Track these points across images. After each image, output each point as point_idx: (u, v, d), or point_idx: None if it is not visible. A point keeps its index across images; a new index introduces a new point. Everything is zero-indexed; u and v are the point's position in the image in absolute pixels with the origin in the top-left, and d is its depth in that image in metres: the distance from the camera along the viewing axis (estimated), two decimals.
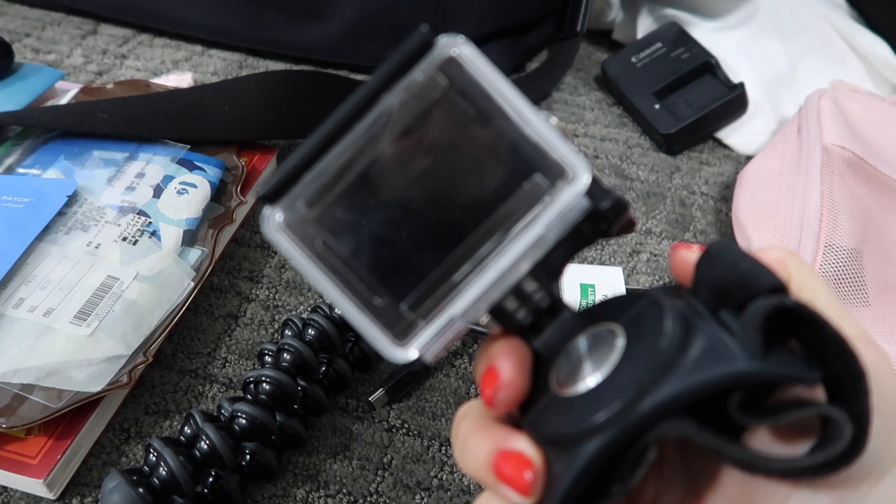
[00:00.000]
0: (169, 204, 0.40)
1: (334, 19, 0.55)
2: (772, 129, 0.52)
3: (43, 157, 0.42)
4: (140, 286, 0.35)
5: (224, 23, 0.56)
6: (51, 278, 0.35)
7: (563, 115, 0.55)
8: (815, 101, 0.46)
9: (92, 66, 0.56)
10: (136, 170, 0.42)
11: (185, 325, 0.39)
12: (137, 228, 0.38)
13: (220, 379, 0.37)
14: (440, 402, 0.36)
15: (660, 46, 0.55)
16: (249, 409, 0.31)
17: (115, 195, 0.40)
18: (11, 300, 0.34)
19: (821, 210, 0.40)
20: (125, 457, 0.33)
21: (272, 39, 0.56)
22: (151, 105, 0.44)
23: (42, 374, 0.32)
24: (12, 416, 0.30)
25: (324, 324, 0.35)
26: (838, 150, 0.42)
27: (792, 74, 0.54)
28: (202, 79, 0.55)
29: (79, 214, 0.39)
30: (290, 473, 0.33)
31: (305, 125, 0.47)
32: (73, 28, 0.60)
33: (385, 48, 0.56)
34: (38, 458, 0.31)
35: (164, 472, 0.29)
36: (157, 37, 0.59)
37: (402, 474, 0.33)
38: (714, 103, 0.51)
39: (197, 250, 0.39)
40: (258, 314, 0.40)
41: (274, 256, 0.43)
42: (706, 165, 0.52)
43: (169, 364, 0.37)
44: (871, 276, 0.39)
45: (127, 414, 0.35)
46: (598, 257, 0.44)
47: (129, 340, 0.34)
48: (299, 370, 0.33)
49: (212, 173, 0.42)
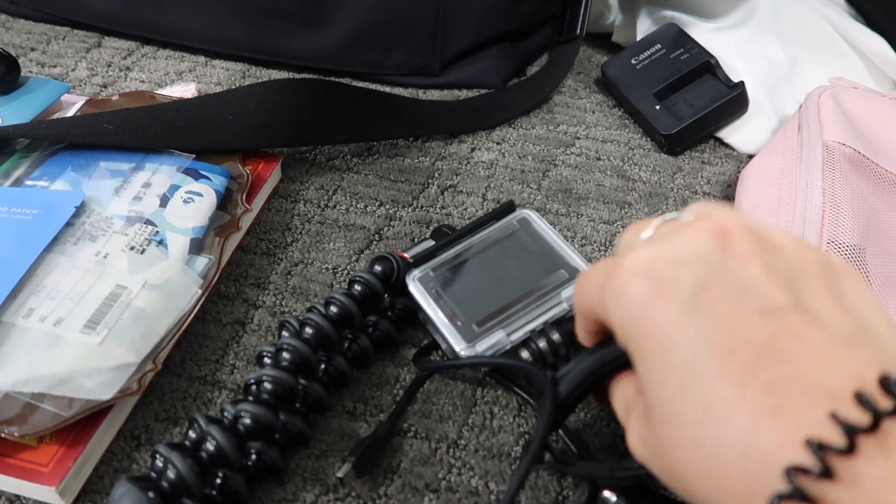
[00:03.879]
0: (175, 213, 0.40)
1: (336, 28, 0.55)
2: (773, 128, 0.52)
3: (50, 168, 0.43)
4: (148, 295, 0.36)
5: (227, 34, 0.57)
6: (60, 288, 0.36)
7: (565, 117, 0.55)
8: (816, 98, 0.46)
9: (97, 78, 0.57)
10: (142, 180, 0.42)
11: (193, 332, 0.39)
12: (145, 238, 0.39)
13: (228, 385, 0.37)
14: (447, 405, 0.36)
15: (659, 48, 0.55)
16: (252, 408, 0.31)
17: (122, 205, 0.41)
18: (21, 310, 0.35)
19: (823, 207, 0.40)
20: (136, 464, 0.34)
21: (274, 49, 0.57)
22: (156, 116, 0.44)
23: (53, 382, 0.32)
24: (24, 424, 0.31)
25: (321, 322, 0.35)
26: (839, 146, 0.42)
27: (792, 73, 0.55)
28: (206, 89, 0.56)
29: (87, 225, 0.39)
30: (298, 477, 0.33)
31: (309, 133, 0.48)
32: (77, 42, 0.61)
33: (386, 55, 0.56)
34: (50, 466, 0.31)
35: (172, 476, 0.29)
36: (160, 49, 0.60)
37: (411, 477, 0.33)
38: (714, 103, 0.51)
39: (204, 258, 0.39)
40: (265, 320, 0.40)
41: (280, 263, 0.43)
42: (708, 165, 0.52)
43: (178, 371, 0.37)
44: (875, 272, 0.39)
45: (137, 421, 0.35)
46: (602, 257, 0.44)
47: (138, 348, 0.34)
48: (299, 368, 0.34)
49: (217, 182, 0.43)
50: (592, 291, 0.25)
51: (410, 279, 0.37)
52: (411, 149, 0.52)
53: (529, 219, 0.39)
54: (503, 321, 0.35)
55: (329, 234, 0.45)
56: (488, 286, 0.37)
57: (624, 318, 0.22)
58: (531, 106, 0.55)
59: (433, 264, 0.38)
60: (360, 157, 0.51)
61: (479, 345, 0.34)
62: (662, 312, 0.21)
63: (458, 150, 0.52)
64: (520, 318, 0.35)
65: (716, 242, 0.22)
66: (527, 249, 0.38)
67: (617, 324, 0.23)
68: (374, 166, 0.50)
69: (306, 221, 0.46)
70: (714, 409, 0.19)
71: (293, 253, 0.44)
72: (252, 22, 0.56)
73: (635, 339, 0.22)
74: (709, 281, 0.21)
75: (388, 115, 0.50)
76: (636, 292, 0.22)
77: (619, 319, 0.23)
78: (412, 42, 0.55)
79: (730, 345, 0.20)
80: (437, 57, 0.56)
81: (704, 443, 0.19)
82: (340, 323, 0.36)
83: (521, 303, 0.36)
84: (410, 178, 0.49)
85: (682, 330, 0.20)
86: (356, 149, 0.51)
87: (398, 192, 0.48)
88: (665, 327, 0.21)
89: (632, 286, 0.22)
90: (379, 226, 0.46)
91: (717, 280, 0.21)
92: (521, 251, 0.38)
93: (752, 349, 0.19)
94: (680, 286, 0.21)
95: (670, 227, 0.24)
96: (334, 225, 0.46)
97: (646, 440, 0.23)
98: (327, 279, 0.42)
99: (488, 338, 0.35)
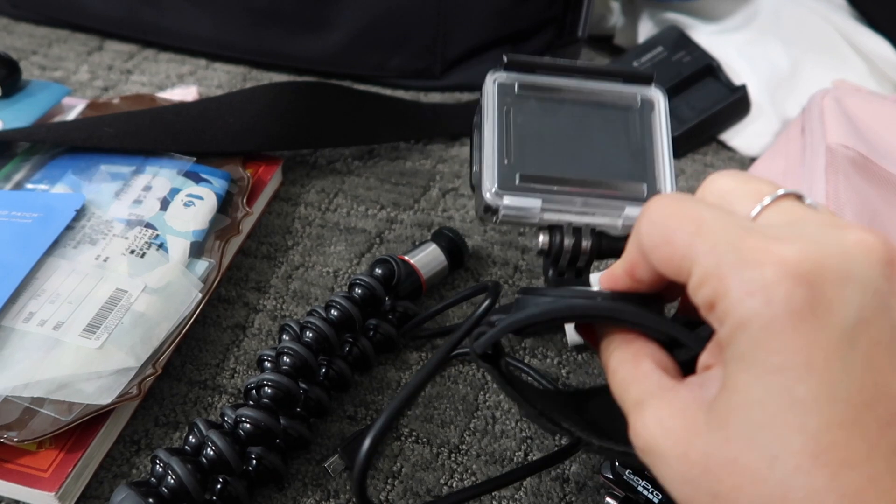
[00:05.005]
0: (176, 216, 0.40)
1: (336, 30, 0.55)
2: (775, 130, 0.52)
3: (51, 172, 0.43)
4: (148, 298, 0.36)
5: (228, 36, 0.57)
6: (60, 292, 0.36)
7: None
8: (818, 100, 0.46)
9: (98, 81, 0.57)
10: (142, 183, 0.42)
11: (194, 336, 0.39)
12: (145, 241, 0.38)
13: (228, 390, 0.37)
14: (449, 410, 0.36)
15: (661, 50, 0.55)
16: (253, 413, 0.31)
17: (122, 208, 0.40)
18: (21, 314, 0.35)
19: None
20: (135, 469, 0.33)
21: (275, 51, 0.57)
22: (157, 119, 0.44)
23: (52, 387, 0.32)
24: (23, 429, 0.31)
25: (321, 325, 0.35)
26: (842, 149, 0.42)
27: (794, 75, 0.54)
28: (207, 92, 0.56)
29: (87, 228, 0.39)
30: (299, 482, 0.33)
31: (310, 136, 0.47)
32: (79, 45, 0.61)
33: (387, 58, 0.56)
34: (49, 472, 0.31)
35: (172, 481, 0.29)
36: (161, 52, 0.60)
37: (412, 482, 0.33)
38: (716, 106, 0.51)
39: (204, 262, 0.39)
40: (266, 324, 0.40)
41: (281, 266, 0.43)
42: (710, 168, 0.52)
43: (178, 375, 0.37)
44: None
45: (137, 426, 0.35)
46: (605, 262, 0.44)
47: (138, 352, 0.34)
48: (300, 372, 0.34)
49: (218, 185, 0.43)
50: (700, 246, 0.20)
51: (491, 77, 0.30)
52: (412, 152, 0.52)
53: (656, 104, 0.32)
54: (549, 192, 0.29)
55: (330, 238, 0.45)
56: (562, 145, 0.30)
57: (754, 317, 0.18)
58: None
59: (527, 80, 0.31)
60: (361, 160, 0.51)
61: (509, 198, 0.29)
62: (812, 341, 0.18)
63: (460, 152, 0.52)
64: (566, 201, 0.29)
65: (883, 267, 0.19)
66: (628, 136, 0.31)
67: (736, 316, 0.19)
68: (376, 169, 0.50)
69: (307, 225, 0.46)
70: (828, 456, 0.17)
71: (294, 256, 0.44)
72: (254, 25, 0.56)
73: (756, 347, 0.18)
74: (873, 316, 0.18)
75: (389, 117, 0.50)
76: (789, 298, 0.18)
77: (742, 313, 0.18)
78: (413, 45, 0.55)
79: (871, 396, 0.18)
80: (439, 59, 0.56)
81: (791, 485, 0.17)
82: (341, 326, 0.36)
83: (581, 187, 0.30)
84: (412, 181, 0.49)
85: (827, 365, 0.18)
86: (357, 152, 0.51)
87: (399, 196, 0.48)
88: (807, 356, 0.18)
89: (785, 288, 0.18)
90: (380, 229, 0.46)
91: (880, 317, 0.18)
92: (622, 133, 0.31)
93: (891, 407, 0.18)
94: (843, 311, 0.18)
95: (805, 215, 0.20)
96: (335, 228, 0.46)
97: (689, 443, 0.20)
98: (328, 283, 0.42)
99: (522, 198, 0.29)
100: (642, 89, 0.32)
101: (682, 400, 0.20)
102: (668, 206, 0.21)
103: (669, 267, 0.21)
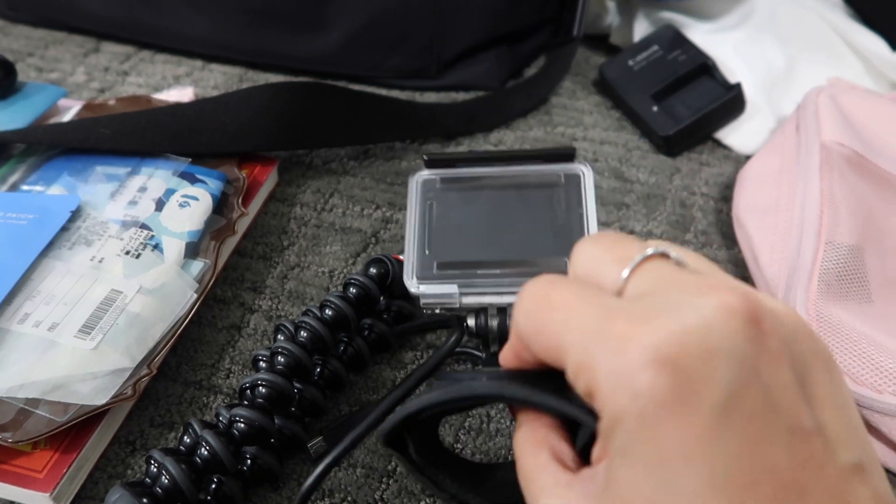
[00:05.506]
0: (171, 217, 0.40)
1: (332, 31, 0.55)
2: (770, 128, 0.52)
3: (46, 173, 0.43)
4: (143, 299, 0.36)
5: (224, 37, 0.57)
6: (55, 293, 0.36)
7: (562, 119, 0.55)
8: (814, 98, 0.46)
9: (94, 83, 0.57)
10: (138, 184, 0.42)
11: (189, 336, 0.39)
12: (140, 242, 0.38)
13: (224, 390, 0.37)
14: None
15: (656, 49, 0.55)
16: (247, 413, 0.31)
17: (117, 209, 0.40)
18: (16, 315, 0.35)
19: (821, 207, 0.40)
20: (131, 469, 0.33)
21: (271, 52, 0.57)
22: (153, 120, 0.44)
23: (47, 388, 0.32)
24: (18, 430, 0.31)
25: (316, 325, 0.35)
26: (837, 147, 0.42)
27: (789, 73, 0.54)
28: (203, 93, 0.56)
29: (82, 229, 0.39)
30: (293, 482, 0.33)
31: (305, 136, 0.47)
32: (75, 46, 0.61)
33: (383, 58, 0.56)
34: (44, 472, 0.31)
35: (166, 481, 0.29)
36: (157, 53, 0.60)
37: (407, 481, 0.33)
38: (712, 104, 0.51)
39: (199, 262, 0.39)
40: (261, 324, 0.40)
41: (276, 266, 0.43)
42: (706, 166, 0.52)
43: (173, 376, 0.37)
44: (874, 273, 0.39)
45: (132, 426, 0.35)
46: None
47: (133, 353, 0.34)
48: (294, 372, 0.34)
49: (213, 186, 0.43)
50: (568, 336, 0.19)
51: (416, 177, 0.33)
52: (408, 151, 0.52)
53: (581, 178, 0.33)
54: (468, 276, 0.30)
55: (325, 238, 0.45)
56: (482, 230, 0.31)
57: (623, 413, 0.18)
58: (528, 108, 0.55)
59: (447, 174, 0.33)
60: (356, 160, 0.51)
61: (425, 287, 0.30)
62: (685, 429, 0.17)
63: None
64: (486, 284, 0.30)
65: (747, 330, 0.18)
66: (553, 213, 0.32)
67: (608, 411, 0.18)
68: (371, 169, 0.50)
69: (303, 225, 0.46)
70: None
71: (289, 256, 0.44)
72: (250, 25, 0.56)
73: (634, 441, 0.18)
74: (743, 388, 0.17)
75: (384, 117, 0.50)
76: (655, 389, 0.17)
77: (613, 408, 0.18)
78: (409, 45, 0.55)
79: (752, 475, 0.17)
80: (435, 59, 0.56)
81: None
82: (335, 326, 0.36)
83: (503, 268, 0.30)
84: (407, 180, 0.49)
85: (703, 451, 0.17)
86: (353, 152, 0.51)
87: (395, 195, 0.48)
88: (682, 446, 0.17)
89: (649, 377, 0.17)
90: (375, 229, 0.46)
91: (749, 386, 0.17)
92: (547, 212, 0.32)
93: (775, 481, 0.17)
94: (711, 391, 0.17)
95: (669, 279, 0.20)
96: (331, 228, 0.46)
97: None
98: (323, 282, 0.42)
99: (439, 285, 0.30)
100: (565, 167, 0.33)
101: (576, 496, 0.20)
102: (538, 293, 0.21)
103: (547, 356, 0.20)
